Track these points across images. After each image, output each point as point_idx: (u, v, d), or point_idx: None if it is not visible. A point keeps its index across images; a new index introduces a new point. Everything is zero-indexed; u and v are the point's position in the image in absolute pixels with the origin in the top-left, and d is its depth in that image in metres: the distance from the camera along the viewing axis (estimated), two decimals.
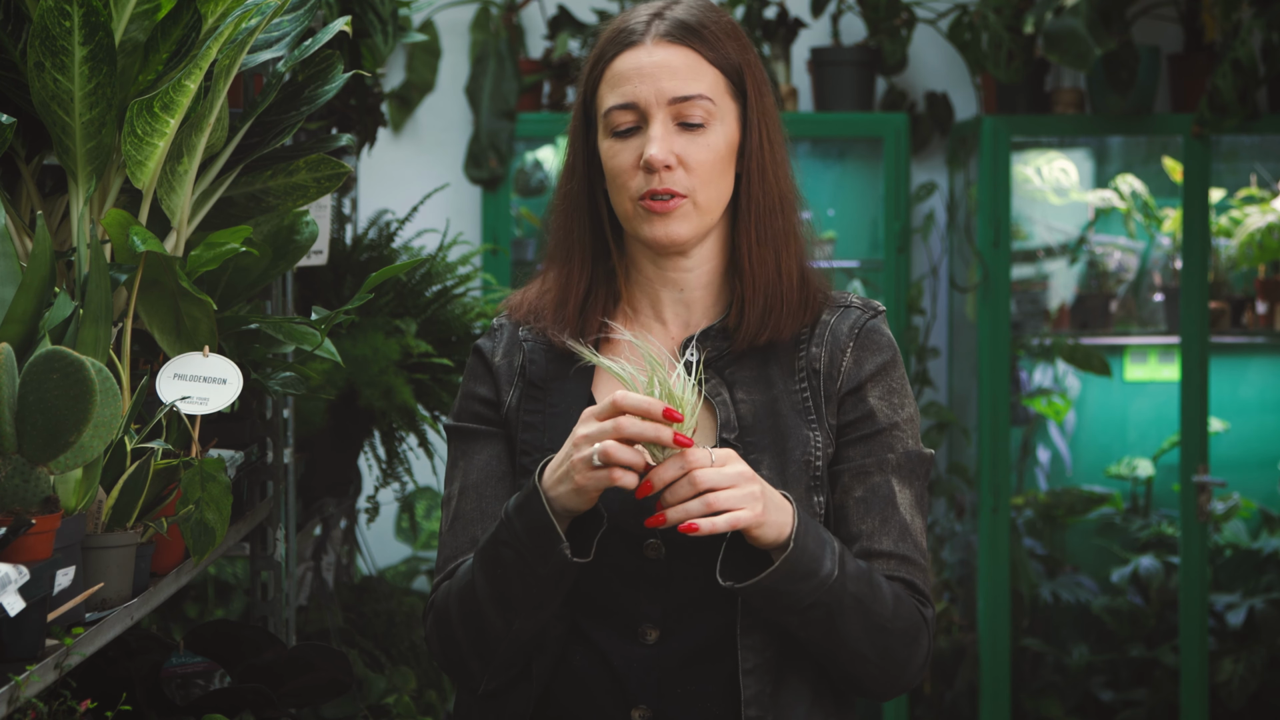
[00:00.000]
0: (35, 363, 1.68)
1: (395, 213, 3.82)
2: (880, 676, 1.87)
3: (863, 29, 5.06)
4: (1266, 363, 5.41)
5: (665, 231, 1.89)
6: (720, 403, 1.91)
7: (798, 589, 1.78)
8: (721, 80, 1.91)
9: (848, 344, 1.94)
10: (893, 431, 1.92)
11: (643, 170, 1.88)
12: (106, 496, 1.89)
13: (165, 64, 2.11)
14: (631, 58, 1.90)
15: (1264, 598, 5.00)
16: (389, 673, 3.33)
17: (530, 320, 1.99)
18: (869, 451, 1.91)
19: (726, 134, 1.91)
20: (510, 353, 1.99)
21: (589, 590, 1.88)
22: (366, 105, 3.43)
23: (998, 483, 4.84)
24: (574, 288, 1.96)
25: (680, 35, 1.90)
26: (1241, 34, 4.61)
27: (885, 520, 1.90)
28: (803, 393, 1.92)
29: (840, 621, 1.81)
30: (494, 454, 1.97)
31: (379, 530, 4.54)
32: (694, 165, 1.88)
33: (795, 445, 1.89)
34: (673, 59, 1.89)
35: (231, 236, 2.06)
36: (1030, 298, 5.14)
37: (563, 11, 4.93)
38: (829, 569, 1.79)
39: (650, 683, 1.88)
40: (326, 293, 3.38)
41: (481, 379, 2.00)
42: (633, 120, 1.89)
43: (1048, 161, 5.22)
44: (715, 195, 1.91)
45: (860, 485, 1.91)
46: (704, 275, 1.96)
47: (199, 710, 2.33)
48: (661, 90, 1.88)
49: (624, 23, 1.93)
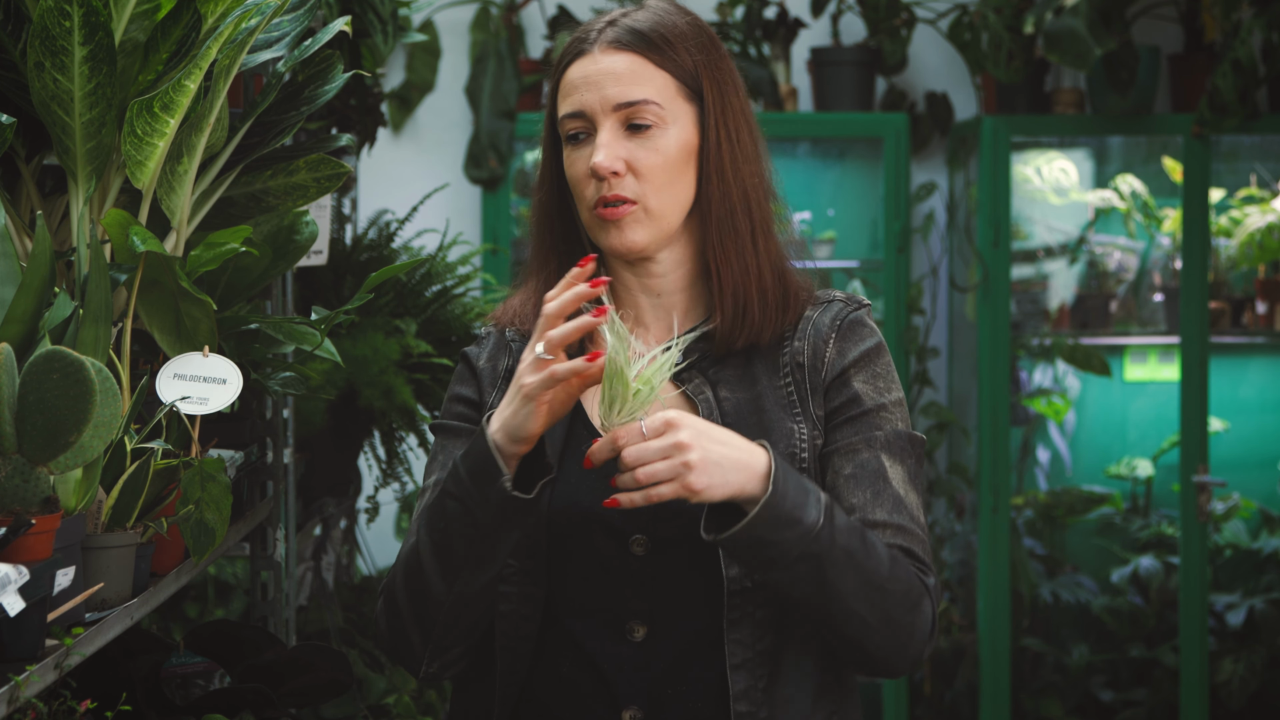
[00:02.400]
0: (35, 363, 1.68)
1: (395, 213, 3.82)
2: (884, 644, 1.81)
3: (863, 29, 5.06)
4: (1266, 363, 5.41)
5: (620, 239, 1.89)
6: (703, 400, 1.90)
7: (781, 538, 1.73)
8: (672, 84, 1.89)
9: (830, 335, 1.93)
10: (879, 413, 1.90)
11: (593, 178, 1.88)
12: (106, 496, 1.89)
13: (165, 64, 2.11)
14: (580, 67, 1.91)
15: (1264, 598, 5.00)
16: (389, 673, 3.33)
17: (516, 323, 1.99)
18: (856, 431, 1.89)
19: (679, 137, 1.89)
20: (495, 356, 2.00)
21: (575, 588, 1.88)
22: (366, 105, 3.43)
23: (998, 483, 4.84)
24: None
25: (627, 42, 1.90)
26: (1241, 34, 4.61)
27: (878, 493, 1.86)
28: (787, 388, 1.91)
29: (832, 574, 1.75)
30: None
31: (379, 530, 4.54)
32: (643, 170, 1.87)
33: (780, 438, 1.88)
34: (617, 65, 1.89)
35: (231, 236, 2.06)
36: (1030, 298, 5.14)
37: (563, 11, 4.93)
38: (814, 517, 1.74)
39: (639, 683, 1.87)
40: (326, 293, 3.38)
41: (466, 382, 2.01)
42: (582, 127, 1.90)
43: (1048, 161, 5.22)
44: (670, 200, 1.89)
45: (849, 462, 1.88)
46: (679, 279, 1.95)
47: (199, 710, 2.33)
48: (606, 97, 1.88)
49: (580, 32, 1.95)
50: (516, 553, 1.89)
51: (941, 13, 4.97)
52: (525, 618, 1.88)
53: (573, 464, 1.89)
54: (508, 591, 1.89)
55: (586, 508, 1.87)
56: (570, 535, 1.88)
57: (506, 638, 1.90)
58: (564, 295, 1.76)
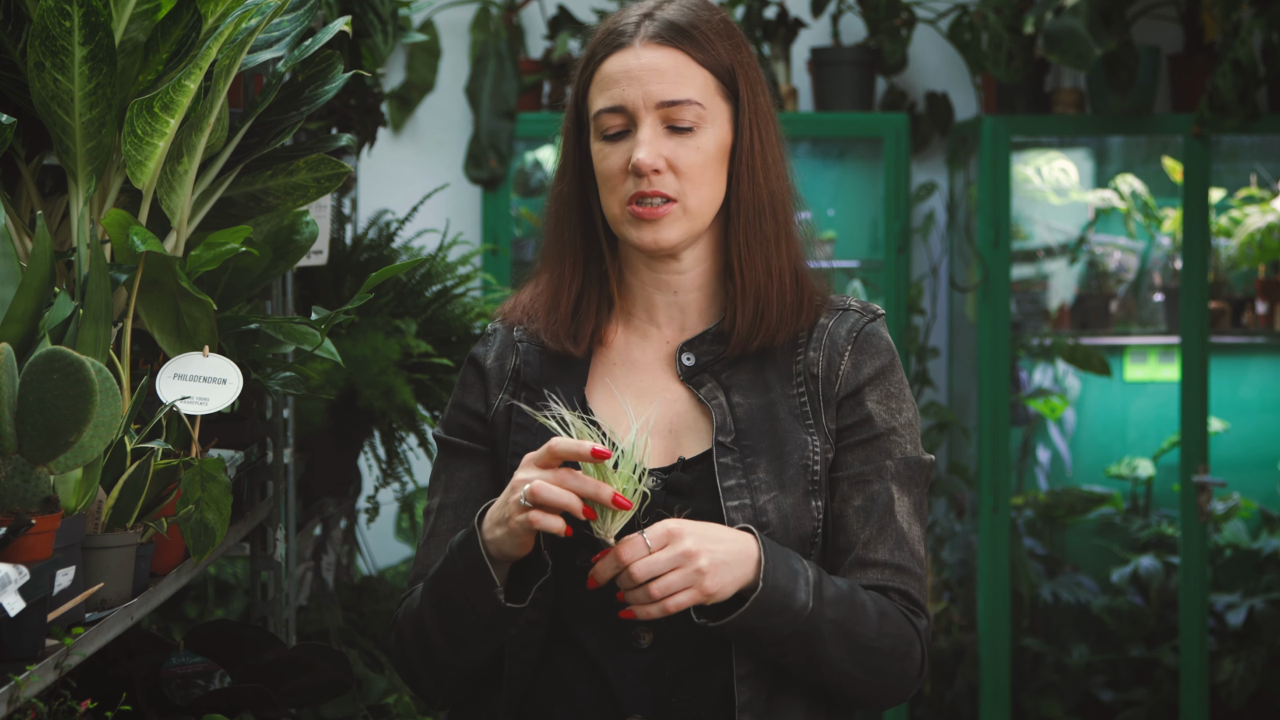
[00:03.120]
0: (35, 363, 1.68)
1: (395, 213, 3.82)
2: (872, 692, 1.87)
3: (863, 29, 5.06)
4: (1266, 363, 5.41)
5: (654, 236, 1.87)
6: (716, 406, 1.89)
7: (772, 624, 1.78)
8: (712, 82, 1.88)
9: (845, 347, 1.92)
10: (890, 437, 1.91)
11: (632, 174, 1.86)
12: (106, 496, 1.89)
13: (165, 64, 2.11)
14: (620, 60, 1.88)
15: (1264, 598, 5.00)
16: (389, 673, 3.33)
17: (524, 321, 1.98)
18: (867, 458, 1.90)
19: (717, 136, 1.88)
20: (503, 355, 1.98)
21: (585, 596, 1.86)
22: (366, 105, 3.43)
23: (998, 483, 4.84)
24: (566, 290, 1.95)
25: (669, 37, 1.87)
26: (1241, 34, 4.61)
27: (882, 529, 1.88)
28: (800, 397, 1.91)
29: (820, 648, 1.80)
30: (476, 474, 1.96)
31: (379, 530, 4.53)
32: (683, 169, 1.86)
33: (793, 449, 1.88)
34: (661, 61, 1.86)
35: (231, 236, 2.06)
36: (1030, 298, 5.14)
37: (563, 11, 4.93)
38: (802, 600, 1.78)
39: (644, 692, 1.86)
40: (326, 293, 3.38)
41: (471, 388, 2.00)
42: (622, 124, 1.87)
43: (1048, 161, 5.22)
44: (706, 198, 1.89)
45: (859, 493, 1.89)
46: (697, 277, 1.94)
47: (199, 710, 2.33)
48: (649, 94, 1.86)
49: (614, 23, 1.91)
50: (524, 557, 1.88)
51: (941, 13, 4.97)
52: (534, 623, 1.87)
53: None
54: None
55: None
56: (579, 542, 1.85)
57: (515, 644, 1.88)
58: (580, 483, 1.74)
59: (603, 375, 1.95)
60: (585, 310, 1.95)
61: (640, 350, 1.96)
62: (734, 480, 1.86)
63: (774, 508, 1.85)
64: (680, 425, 1.91)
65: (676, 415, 1.92)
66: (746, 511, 1.84)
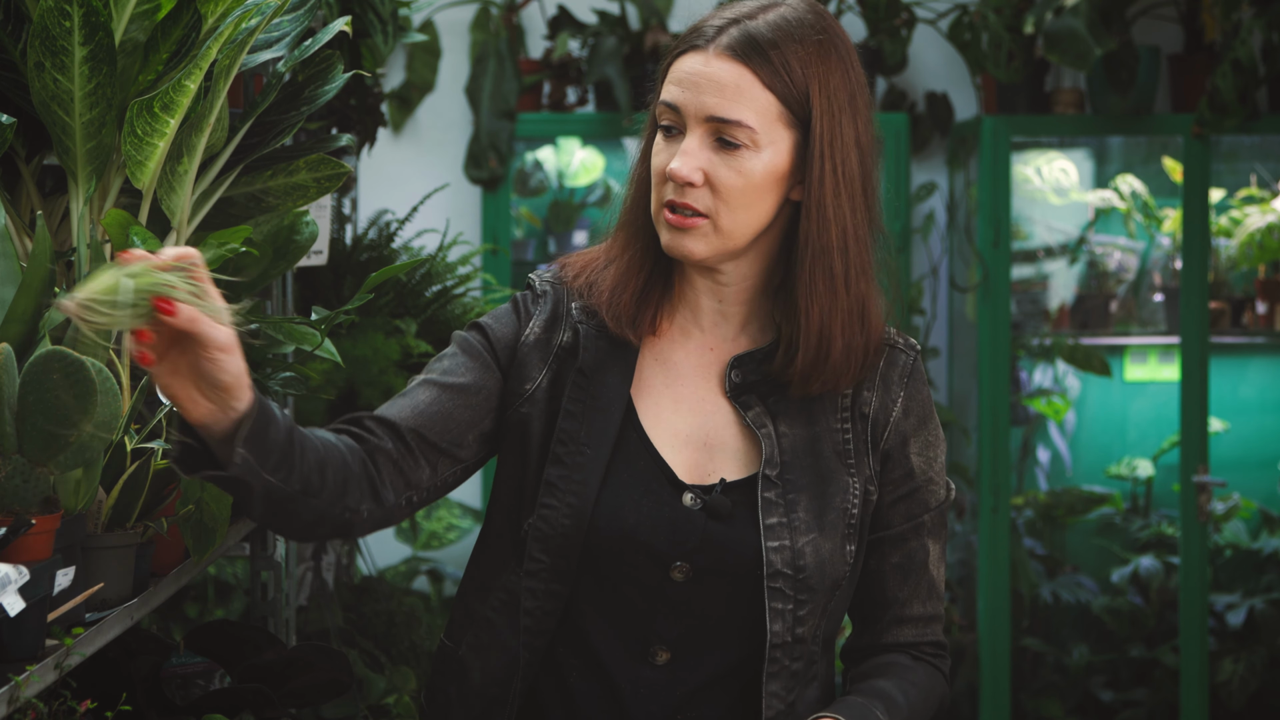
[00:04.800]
0: (35, 363, 1.68)
1: (395, 213, 3.82)
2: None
3: (863, 29, 5.06)
4: (1266, 363, 5.41)
5: (678, 245, 1.82)
6: (765, 435, 1.85)
7: None
8: (775, 107, 1.79)
9: (899, 393, 1.91)
10: (928, 486, 1.93)
11: (668, 180, 1.81)
12: (106, 496, 1.89)
13: (165, 64, 2.11)
14: (690, 61, 1.81)
15: (1264, 598, 5.00)
16: (389, 673, 3.33)
17: (585, 293, 1.90)
18: (908, 514, 1.92)
19: (769, 162, 1.80)
20: (551, 328, 1.90)
21: (604, 599, 1.85)
22: (366, 105, 3.43)
23: (998, 483, 4.84)
24: (633, 277, 1.88)
25: (742, 52, 1.79)
26: (1241, 34, 4.61)
27: (917, 584, 1.96)
28: (845, 433, 1.88)
29: None
30: (478, 380, 1.89)
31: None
32: (721, 188, 1.79)
33: (835, 491, 1.86)
34: (724, 75, 1.79)
35: (231, 236, 2.06)
36: (1030, 298, 5.14)
37: (563, 11, 4.93)
38: None
39: (654, 707, 1.85)
40: (326, 293, 3.38)
41: (506, 324, 1.91)
42: (674, 121, 1.82)
43: (1048, 161, 5.22)
44: (742, 221, 1.81)
45: (897, 551, 1.93)
46: (742, 292, 1.89)
47: (199, 710, 2.33)
48: (703, 105, 1.79)
49: (705, 20, 1.84)
50: (548, 549, 1.84)
51: (941, 13, 4.97)
52: (547, 613, 1.85)
53: (621, 472, 1.84)
54: (533, 587, 1.85)
55: (632, 526, 1.83)
56: (609, 550, 1.84)
57: (529, 634, 1.86)
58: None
59: (646, 369, 1.90)
60: (646, 301, 1.89)
61: (682, 351, 1.90)
62: (775, 518, 1.83)
63: (812, 550, 1.84)
64: (717, 441, 1.87)
65: (715, 430, 1.88)
66: (785, 553, 1.82)
